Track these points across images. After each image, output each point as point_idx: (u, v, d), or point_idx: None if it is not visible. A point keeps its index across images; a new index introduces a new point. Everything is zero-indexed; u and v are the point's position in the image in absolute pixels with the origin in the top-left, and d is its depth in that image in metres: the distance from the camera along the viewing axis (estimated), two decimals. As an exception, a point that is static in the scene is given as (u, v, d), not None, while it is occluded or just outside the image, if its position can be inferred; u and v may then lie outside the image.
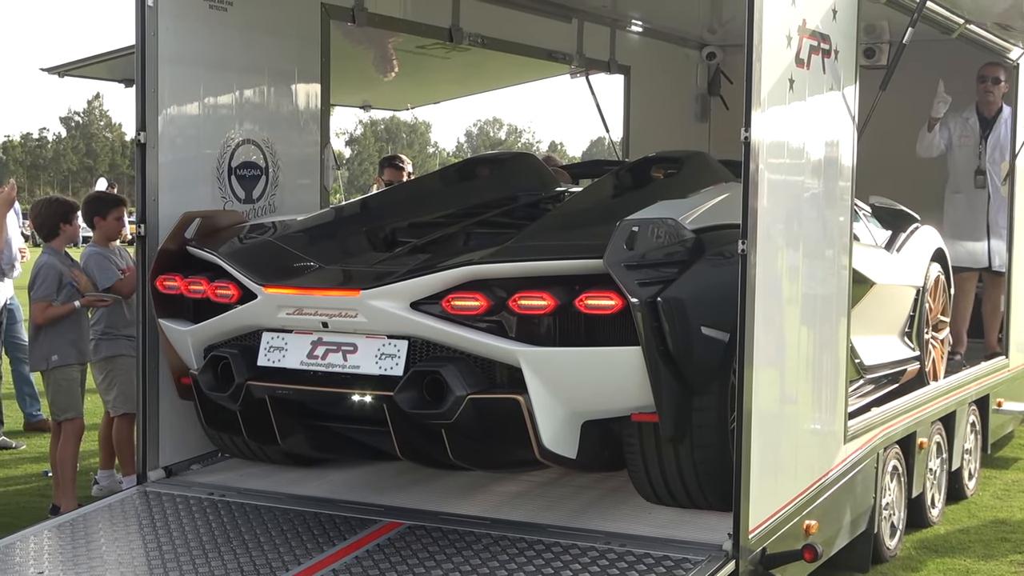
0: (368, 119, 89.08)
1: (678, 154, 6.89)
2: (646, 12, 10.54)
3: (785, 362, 5.54)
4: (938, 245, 8.27)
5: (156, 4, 6.18)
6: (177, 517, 5.88)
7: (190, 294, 5.91)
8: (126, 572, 5.32)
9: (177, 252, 6.07)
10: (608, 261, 5.03)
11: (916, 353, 7.75)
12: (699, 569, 5.04)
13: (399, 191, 7.56)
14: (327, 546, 5.43)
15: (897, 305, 7.61)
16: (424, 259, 5.58)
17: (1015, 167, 9.02)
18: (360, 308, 5.33)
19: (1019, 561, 7.05)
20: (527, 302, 5.13)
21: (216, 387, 5.71)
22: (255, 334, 5.68)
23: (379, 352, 5.35)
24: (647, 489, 5.62)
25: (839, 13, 5.92)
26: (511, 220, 6.34)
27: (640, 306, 4.98)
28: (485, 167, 7.42)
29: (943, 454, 7.96)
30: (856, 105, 6.23)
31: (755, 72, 5.02)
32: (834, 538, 6.19)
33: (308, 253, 5.87)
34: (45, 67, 10.59)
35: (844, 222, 6.18)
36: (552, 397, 5.21)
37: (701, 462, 5.41)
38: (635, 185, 6.51)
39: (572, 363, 5.21)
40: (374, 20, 7.79)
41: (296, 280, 5.61)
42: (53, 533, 5.80)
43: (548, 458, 5.30)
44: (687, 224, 5.57)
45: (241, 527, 5.72)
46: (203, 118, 6.63)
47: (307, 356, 5.49)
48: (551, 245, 5.50)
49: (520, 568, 5.10)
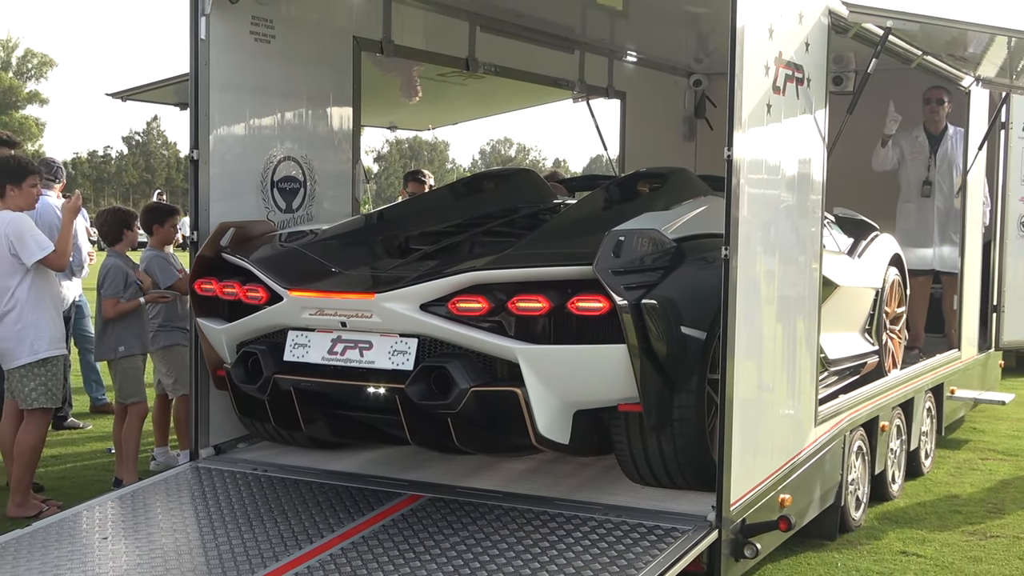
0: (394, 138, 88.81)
1: (663, 170, 6.84)
2: (640, 44, 10.57)
3: (762, 355, 5.55)
4: (895, 251, 8.25)
5: (208, 37, 6.20)
6: (225, 489, 5.90)
7: (224, 296, 5.91)
8: (180, 538, 5.34)
9: (213, 258, 6.04)
10: (597, 268, 5.02)
11: (875, 348, 7.74)
12: (686, 537, 5.05)
13: (414, 203, 7.48)
14: (357, 516, 5.45)
15: (858, 305, 7.59)
16: (433, 265, 5.57)
17: (966, 182, 9.03)
18: (375, 309, 5.31)
19: (970, 531, 7.05)
20: (524, 304, 5.13)
21: (247, 380, 5.71)
22: (282, 332, 5.67)
23: (392, 349, 5.35)
24: (632, 472, 5.60)
25: (811, 46, 5.93)
26: (512, 230, 6.29)
27: (626, 308, 4.98)
28: (491, 181, 7.37)
29: (902, 436, 7.96)
30: (826, 127, 6.23)
31: (737, 98, 5.03)
32: (806, 510, 6.19)
33: (330, 259, 5.86)
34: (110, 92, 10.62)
35: (815, 231, 6.19)
36: (546, 389, 5.19)
37: (681, 448, 5.39)
38: (624, 198, 6.46)
39: (564, 359, 5.19)
40: (400, 51, 7.79)
41: (318, 284, 5.59)
42: (116, 503, 5.82)
43: (543, 444, 5.28)
44: (669, 234, 5.58)
45: (281, 498, 5.74)
46: (249, 137, 6.63)
47: (328, 352, 5.48)
48: (546, 253, 5.47)
49: (528, 536, 5.11)
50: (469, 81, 9.35)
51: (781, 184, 5.74)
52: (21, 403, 7.02)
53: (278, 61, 6.73)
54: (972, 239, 9.33)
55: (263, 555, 5.02)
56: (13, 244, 6.88)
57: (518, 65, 9.33)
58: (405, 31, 7.79)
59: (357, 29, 7.39)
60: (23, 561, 5.08)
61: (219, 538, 5.25)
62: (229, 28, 6.35)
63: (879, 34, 6.54)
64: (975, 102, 8.96)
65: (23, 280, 6.92)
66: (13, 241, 6.88)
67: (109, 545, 5.25)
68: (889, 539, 6.87)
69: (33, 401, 6.97)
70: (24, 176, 7.07)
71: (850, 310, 7.43)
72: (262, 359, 5.62)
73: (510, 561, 4.84)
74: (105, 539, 5.34)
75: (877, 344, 7.77)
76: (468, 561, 4.85)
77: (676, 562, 4.84)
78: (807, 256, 6.10)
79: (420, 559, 4.90)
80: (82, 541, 5.33)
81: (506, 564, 4.80)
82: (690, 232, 5.75)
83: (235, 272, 5.92)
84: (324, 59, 7.15)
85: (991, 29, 6.65)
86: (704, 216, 6.02)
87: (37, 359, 6.94)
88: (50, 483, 7.80)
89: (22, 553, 5.18)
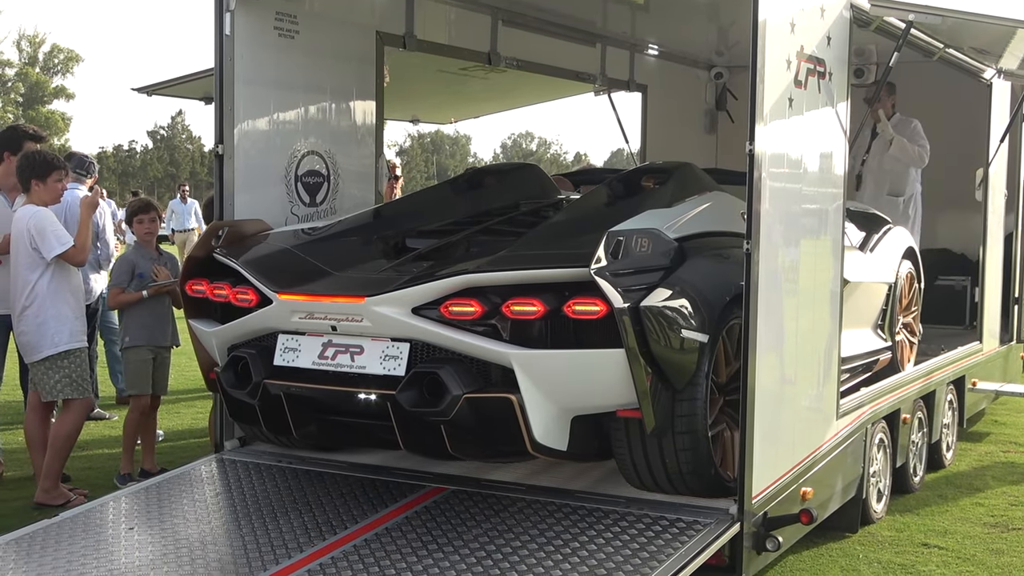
0: (416, 132, 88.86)
1: (667, 165, 6.66)
2: (661, 37, 10.52)
3: (784, 347, 5.52)
4: (909, 244, 8.06)
5: (233, 33, 6.21)
6: (249, 481, 5.92)
7: (215, 298, 5.73)
8: (204, 528, 5.36)
9: (205, 259, 5.88)
10: (594, 270, 4.82)
11: (888, 344, 7.58)
12: (708, 530, 5.04)
13: (413, 199, 7.11)
14: (380, 507, 5.45)
15: (870, 301, 7.41)
16: (426, 267, 5.38)
17: (988, 174, 8.97)
18: (365, 313, 5.13)
19: (991, 523, 7.01)
20: (519, 308, 4.91)
21: (236, 384, 5.53)
22: (272, 335, 5.50)
23: (383, 354, 5.16)
24: (634, 478, 5.41)
25: (833, 40, 5.90)
26: (511, 228, 6.08)
27: (624, 311, 4.78)
28: (492, 177, 7.13)
29: (924, 428, 7.93)
30: (847, 120, 6.20)
31: (759, 93, 5.01)
32: (827, 503, 6.17)
33: (322, 260, 5.66)
34: (136, 87, 10.66)
35: (836, 224, 6.16)
36: (542, 395, 4.99)
37: (682, 454, 5.19)
38: (627, 194, 6.24)
39: (561, 364, 5.00)
40: (422, 46, 7.77)
41: (308, 287, 5.40)
42: (142, 494, 5.85)
43: (540, 451, 5.09)
44: (670, 233, 5.38)
45: (305, 490, 5.75)
46: (273, 132, 6.64)
47: (318, 357, 5.30)
48: (542, 254, 5.24)
49: (550, 528, 5.11)
50: (491, 75, 9.33)
51: (803, 177, 5.71)
52: (44, 395, 7.07)
53: (302, 56, 6.73)
54: (993, 231, 9.27)
55: (287, 546, 5.03)
56: (34, 238, 6.93)
57: (540, 59, 9.31)
58: (427, 26, 7.77)
59: (380, 24, 7.39)
60: (50, 551, 5.11)
61: (243, 529, 5.27)
62: (253, 24, 6.36)
63: (901, 27, 6.49)
64: (997, 95, 8.89)
65: (44, 274, 6.97)
66: (34, 235, 6.93)
67: (135, 535, 5.27)
68: (911, 531, 6.84)
69: (59, 393, 7.02)
70: (49, 171, 7.10)
71: (861, 307, 7.27)
72: (251, 363, 5.45)
73: (532, 553, 4.83)
74: (131, 529, 5.36)
75: (890, 340, 7.62)
76: (491, 553, 4.85)
77: (698, 555, 4.83)
78: (828, 248, 6.08)
79: (443, 550, 4.91)
80: (108, 531, 5.35)
81: (528, 556, 4.80)
82: (693, 230, 5.58)
83: (227, 273, 5.75)
84: (347, 54, 7.15)
85: (1013, 22, 6.63)
86: (707, 213, 5.88)
87: (58, 352, 6.98)
88: (76, 473, 7.85)
89: (49, 543, 5.21)
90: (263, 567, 4.84)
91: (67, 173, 7.54)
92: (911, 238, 8.15)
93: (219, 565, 4.88)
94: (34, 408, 7.30)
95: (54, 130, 69.50)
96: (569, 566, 4.69)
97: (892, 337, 7.63)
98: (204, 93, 10.38)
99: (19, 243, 7.02)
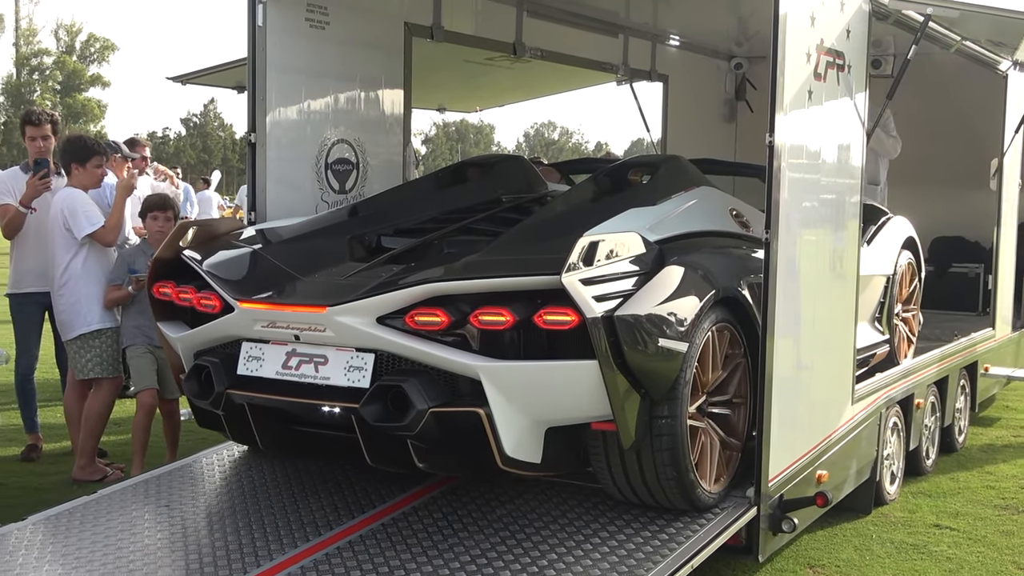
0: (441, 121, 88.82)
1: (654, 159, 6.38)
2: (682, 28, 10.48)
3: (801, 333, 5.49)
4: (909, 234, 7.74)
5: (265, 23, 6.20)
6: (282, 460, 5.92)
7: (180, 302, 5.38)
8: (238, 505, 5.36)
9: (173, 260, 5.50)
10: (564, 278, 4.39)
11: (885, 337, 7.26)
12: (726, 513, 5.04)
13: (392, 194, 6.47)
14: (408, 488, 5.44)
15: (867, 294, 7.02)
16: (393, 273, 5.00)
17: (1003, 164, 8.91)
18: (327, 323, 4.74)
19: (1003, 505, 6.99)
20: (487, 318, 4.50)
21: (199, 394, 5.18)
22: (237, 342, 5.12)
23: (348, 364, 4.78)
24: (613, 490, 5.06)
25: (852, 33, 5.85)
26: (489, 227, 5.68)
27: (597, 322, 4.39)
28: (475, 170, 6.71)
29: (937, 412, 7.90)
30: (865, 112, 6.16)
31: (779, 85, 4.97)
32: (842, 485, 6.16)
33: (289, 264, 5.28)
34: (170, 76, 10.68)
35: (852, 213, 6.13)
36: (513, 408, 4.59)
37: (661, 467, 4.81)
38: (613, 190, 5.88)
39: (531, 377, 4.59)
40: (449, 36, 7.75)
41: (269, 295, 5.01)
42: (179, 472, 5.90)
43: (512, 466, 4.68)
44: (651, 234, 5.03)
45: (335, 470, 5.74)
46: (304, 121, 6.63)
47: (282, 367, 4.92)
48: (511, 261, 4.81)
49: (572, 509, 5.12)
50: (516, 65, 9.30)
51: (821, 168, 5.67)
52: (78, 373, 7.15)
53: (332, 46, 6.71)
54: (1007, 220, 9.21)
55: (317, 523, 5.05)
56: (67, 219, 7.02)
57: (563, 49, 9.27)
58: (454, 16, 7.76)
59: (408, 15, 7.37)
60: (89, 525, 5.15)
61: (275, 507, 5.28)
62: (285, 15, 6.35)
63: (919, 20, 6.44)
64: (1012, 86, 8.82)
65: (77, 254, 7.05)
66: (67, 215, 7.02)
67: (170, 512, 5.31)
68: (923, 512, 6.82)
69: (89, 371, 7.07)
70: (89, 156, 7.19)
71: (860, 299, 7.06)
72: (214, 373, 5.07)
73: (555, 533, 4.84)
74: (167, 506, 5.39)
75: (888, 333, 7.30)
76: (514, 532, 4.86)
77: (716, 537, 4.83)
78: (845, 237, 6.04)
79: (467, 529, 4.92)
80: (145, 508, 5.38)
81: (551, 536, 4.81)
82: (676, 231, 5.28)
83: (195, 275, 5.36)
84: (377, 44, 7.13)
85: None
86: (691, 211, 5.59)
87: (91, 330, 7.04)
88: (113, 449, 7.89)
89: (88, 518, 5.25)
90: (339, 521, 4.98)
91: (107, 158, 7.59)
92: (910, 228, 7.83)
93: (251, 540, 4.90)
94: (72, 386, 7.37)
95: (90, 117, 69.79)
96: (591, 546, 4.69)
97: (890, 330, 7.34)
98: (236, 82, 10.37)
99: (54, 224, 7.11)
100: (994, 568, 5.92)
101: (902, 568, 5.89)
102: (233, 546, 4.84)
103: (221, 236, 5.71)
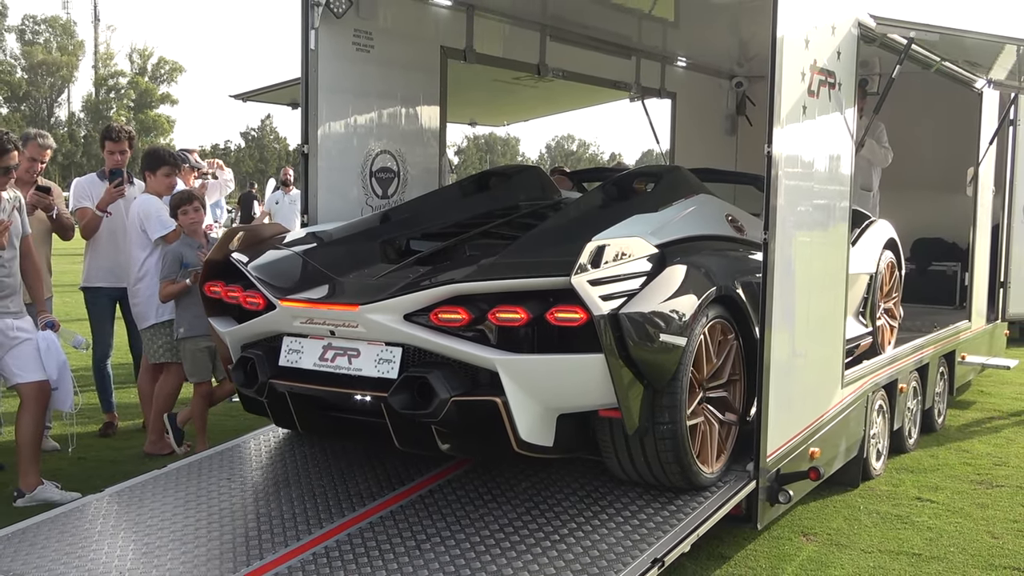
0: (472, 134, 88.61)
1: (657, 169, 6.34)
2: (689, 50, 10.44)
3: (795, 325, 5.46)
4: (890, 235, 7.65)
5: (317, 48, 6.21)
6: (320, 442, 5.90)
7: (229, 300, 5.39)
8: (281, 484, 5.36)
9: (223, 261, 5.53)
10: (574, 279, 4.41)
11: (869, 330, 7.19)
12: (728, 486, 5.02)
13: (421, 201, 6.41)
14: (434, 466, 5.40)
15: (853, 290, 6.89)
16: (419, 274, 5.01)
17: (978, 173, 8.85)
18: (359, 320, 4.75)
19: (977, 480, 6.93)
20: (504, 315, 4.51)
21: (245, 383, 5.22)
22: (279, 337, 5.14)
23: (378, 357, 4.80)
24: (619, 472, 5.02)
25: (842, 54, 5.81)
26: (508, 231, 5.69)
27: (603, 319, 4.38)
28: (496, 179, 6.67)
29: (919, 396, 7.84)
30: (854, 126, 6.12)
31: (776, 101, 4.94)
32: (832, 461, 6.12)
33: (326, 265, 5.28)
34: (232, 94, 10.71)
35: (842, 217, 6.08)
36: (527, 397, 4.59)
37: (663, 451, 4.80)
38: (619, 197, 5.82)
39: (544, 368, 4.58)
40: (480, 58, 7.75)
41: (308, 294, 5.03)
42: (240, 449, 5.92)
43: (526, 449, 4.67)
44: (653, 239, 4.99)
45: (361, 453, 5.69)
46: (351, 134, 6.63)
47: (319, 359, 4.95)
48: (525, 263, 4.79)
49: (589, 482, 5.11)
50: (540, 84, 9.29)
51: (814, 176, 5.64)
52: (150, 358, 7.30)
53: (376, 68, 6.72)
54: (982, 223, 9.15)
55: (363, 495, 5.07)
56: (143, 221, 7.13)
57: (582, 70, 9.25)
58: (485, 41, 7.75)
59: (444, 39, 7.37)
60: (159, 496, 5.19)
61: (315, 485, 5.25)
62: (335, 40, 6.36)
63: (903, 43, 6.39)
64: (987, 102, 8.75)
65: (152, 253, 7.15)
66: (142, 219, 7.14)
67: (231, 484, 5.33)
68: (906, 487, 6.77)
69: (160, 356, 7.19)
70: (159, 165, 7.37)
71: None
72: (258, 364, 5.12)
73: (574, 504, 4.84)
74: (229, 479, 5.41)
75: (871, 326, 7.23)
76: (537, 503, 4.86)
77: (720, 508, 4.82)
78: (835, 238, 6.00)
79: (496, 500, 4.92)
80: (208, 481, 5.41)
81: (571, 507, 4.81)
82: (676, 235, 5.22)
83: (241, 276, 5.38)
84: (415, 66, 7.13)
85: (1002, 39, 6.53)
86: (690, 217, 5.53)
87: (162, 321, 7.14)
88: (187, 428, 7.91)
89: (159, 489, 5.28)
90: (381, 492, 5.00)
91: (178, 169, 7.64)
92: (892, 230, 7.74)
93: (292, 514, 4.91)
94: (146, 369, 7.46)
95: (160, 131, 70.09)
96: (607, 516, 4.69)
97: (873, 323, 7.27)
98: (291, 99, 10.41)
99: (132, 226, 7.25)
100: (970, 537, 5.87)
101: (887, 536, 5.85)
102: (288, 514, 4.86)
103: (266, 239, 5.72)
